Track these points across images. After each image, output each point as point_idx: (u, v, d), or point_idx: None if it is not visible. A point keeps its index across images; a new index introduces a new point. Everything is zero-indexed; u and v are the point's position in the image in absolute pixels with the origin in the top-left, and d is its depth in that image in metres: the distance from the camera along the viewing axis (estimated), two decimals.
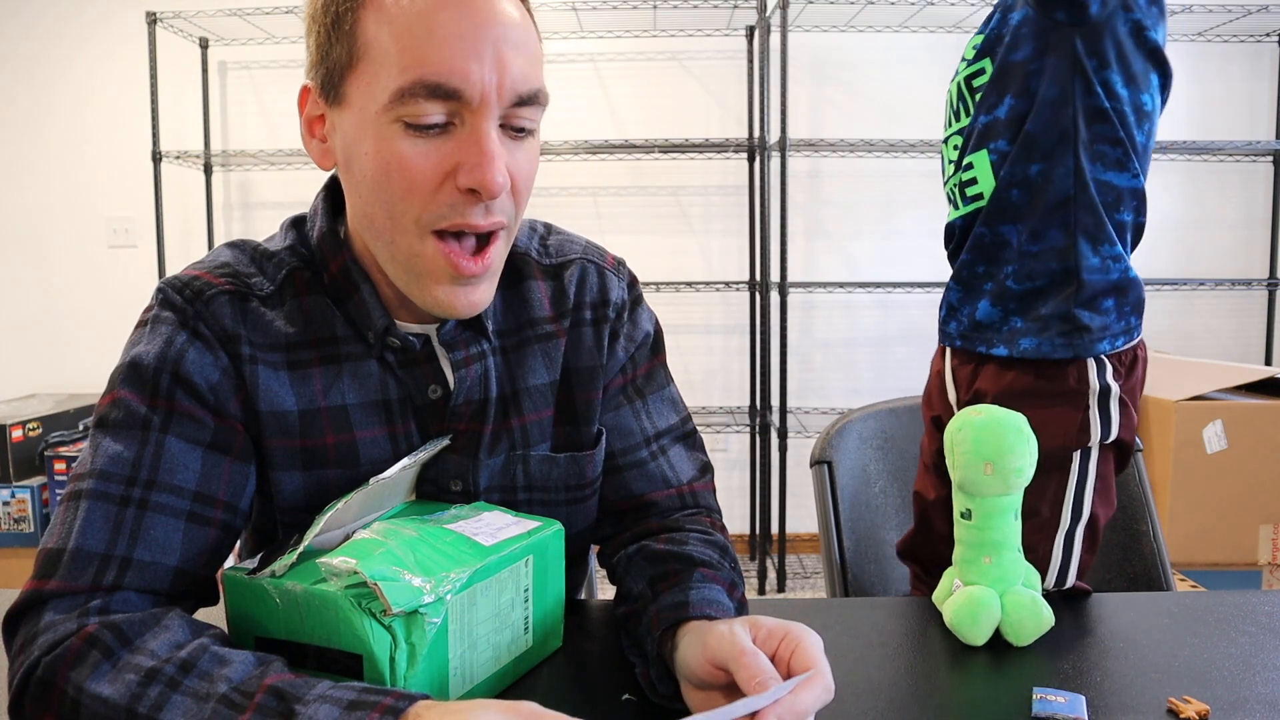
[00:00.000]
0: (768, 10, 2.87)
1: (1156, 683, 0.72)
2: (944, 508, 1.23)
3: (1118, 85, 1.08)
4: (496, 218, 0.71)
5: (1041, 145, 1.10)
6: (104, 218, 3.29)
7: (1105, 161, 1.10)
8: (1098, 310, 1.11)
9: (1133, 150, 1.10)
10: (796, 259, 3.15)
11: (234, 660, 0.59)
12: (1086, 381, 1.11)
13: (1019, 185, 1.12)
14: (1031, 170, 1.11)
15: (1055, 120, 1.09)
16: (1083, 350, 1.11)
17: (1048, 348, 1.12)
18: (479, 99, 0.66)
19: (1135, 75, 1.08)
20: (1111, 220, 1.12)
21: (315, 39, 0.71)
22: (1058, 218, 1.11)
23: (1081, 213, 1.10)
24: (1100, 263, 1.11)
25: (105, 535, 0.66)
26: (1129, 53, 1.07)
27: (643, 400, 0.89)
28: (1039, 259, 1.12)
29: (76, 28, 3.22)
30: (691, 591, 0.70)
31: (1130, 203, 1.13)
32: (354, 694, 0.56)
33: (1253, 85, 3.16)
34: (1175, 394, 2.43)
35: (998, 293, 1.16)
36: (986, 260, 1.17)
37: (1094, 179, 1.10)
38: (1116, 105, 1.08)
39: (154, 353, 0.72)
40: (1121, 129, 1.09)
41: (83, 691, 0.58)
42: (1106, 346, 1.11)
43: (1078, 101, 1.08)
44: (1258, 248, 3.21)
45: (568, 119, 3.14)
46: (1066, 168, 1.09)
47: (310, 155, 0.75)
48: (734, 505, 3.23)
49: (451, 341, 0.79)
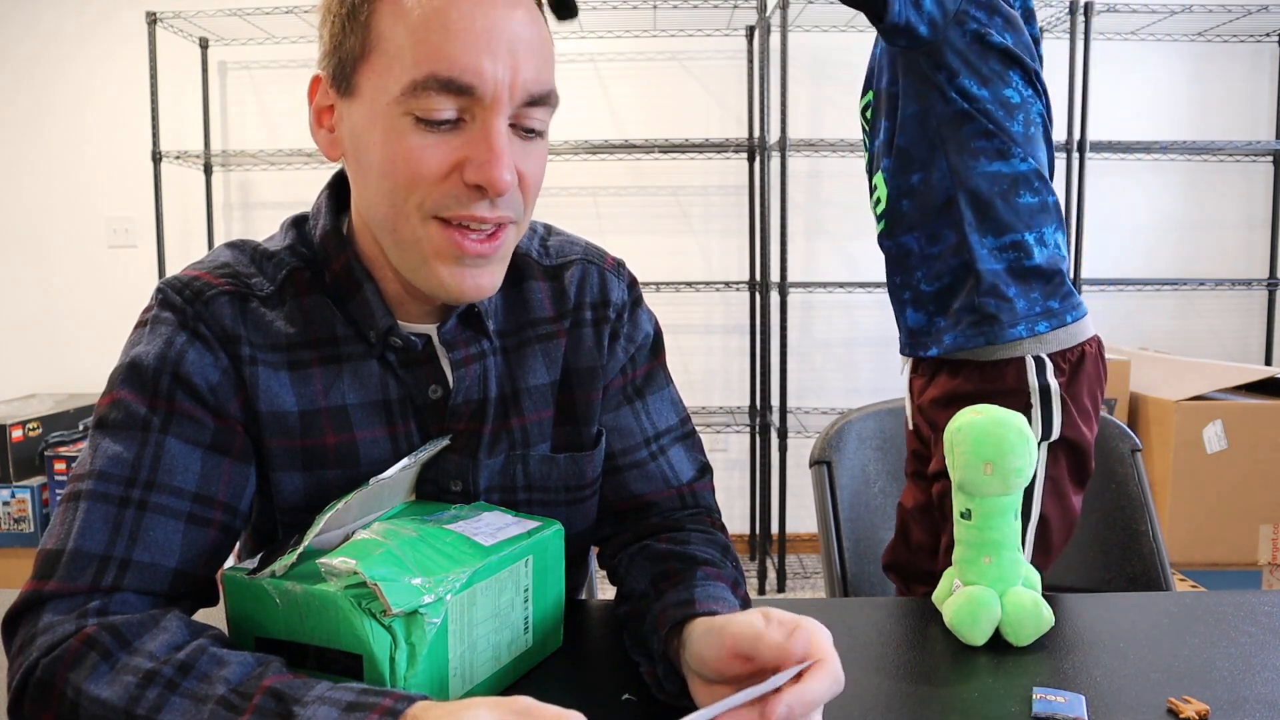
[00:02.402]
0: (768, 10, 2.87)
1: (1156, 683, 0.72)
2: (921, 516, 1.23)
3: (973, 88, 1.15)
4: (503, 213, 0.71)
5: (915, 156, 1.19)
6: (104, 218, 3.29)
7: (987, 155, 1.16)
8: (1002, 298, 1.16)
9: (1011, 140, 1.15)
10: (796, 259, 3.15)
11: (232, 661, 0.59)
12: (1025, 381, 1.14)
13: (906, 195, 1.21)
14: (913, 180, 1.19)
15: (921, 132, 1.18)
16: (994, 337, 1.15)
17: (963, 339, 1.17)
18: (491, 96, 0.67)
19: (990, 76, 1.15)
20: (1012, 206, 1.16)
21: (329, 29, 0.71)
22: (946, 217, 1.18)
23: (965, 209, 1.16)
24: (990, 253, 1.16)
25: (104, 536, 0.66)
26: (975, 59, 1.14)
27: (642, 401, 0.89)
28: (939, 259, 1.19)
29: (76, 28, 3.22)
30: (696, 589, 0.70)
31: (1026, 184, 1.17)
32: (353, 695, 0.56)
33: (1253, 85, 3.16)
34: (1175, 394, 2.43)
35: (915, 298, 1.23)
36: (900, 270, 1.25)
37: (977, 174, 1.16)
38: (977, 105, 1.14)
39: (154, 353, 0.72)
40: (990, 123, 1.15)
41: (81, 693, 0.58)
42: (1024, 331, 1.15)
43: (937, 111, 1.16)
44: (1258, 248, 3.21)
45: (568, 119, 3.14)
46: (941, 171, 1.17)
47: (318, 145, 0.75)
48: (734, 505, 3.23)
49: (452, 340, 0.79)
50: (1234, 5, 2.89)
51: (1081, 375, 1.16)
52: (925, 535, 1.23)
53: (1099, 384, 1.19)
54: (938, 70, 1.14)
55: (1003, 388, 1.14)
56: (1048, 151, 1.20)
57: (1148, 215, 3.20)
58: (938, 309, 1.21)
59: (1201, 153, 3.11)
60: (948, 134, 1.16)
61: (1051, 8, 2.83)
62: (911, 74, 1.18)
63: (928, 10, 1.10)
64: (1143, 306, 3.22)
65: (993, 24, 1.13)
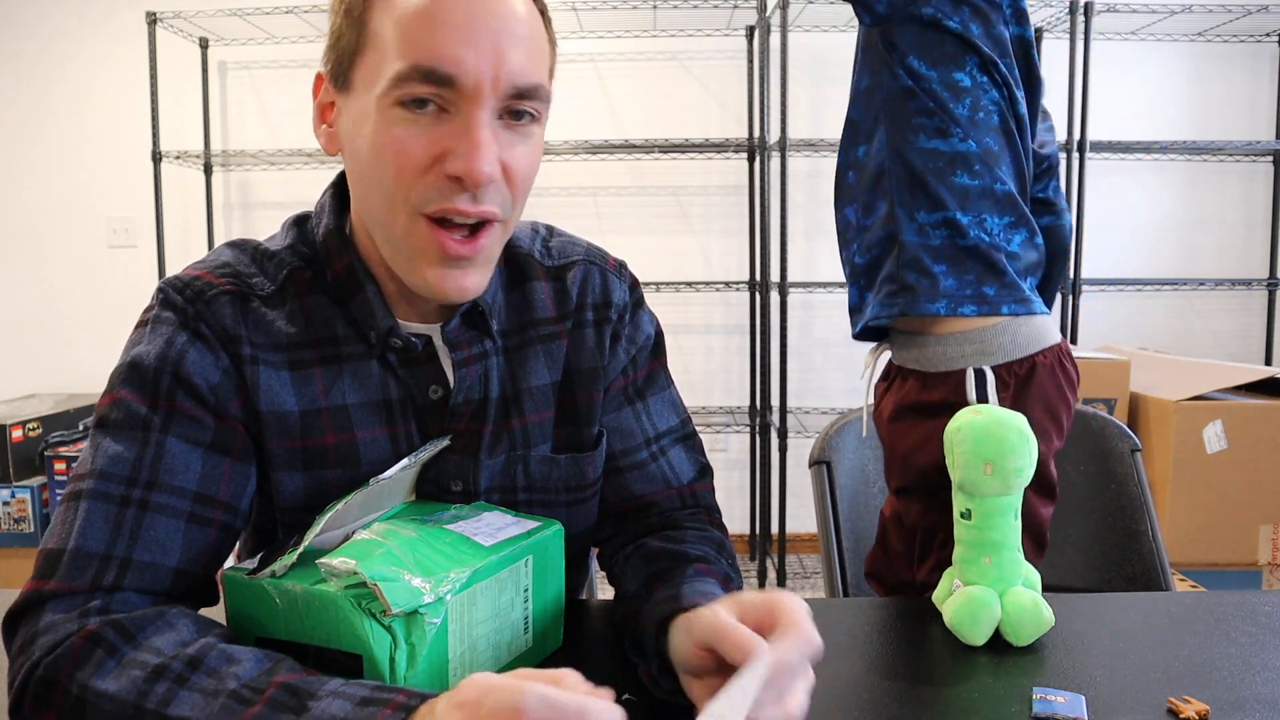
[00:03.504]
0: (768, 10, 2.87)
1: (1156, 683, 0.72)
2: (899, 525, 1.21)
3: (922, 68, 1.13)
4: (485, 207, 0.70)
5: (862, 128, 1.19)
6: (104, 218, 3.29)
7: (926, 131, 1.14)
8: (923, 273, 1.12)
9: (952, 121, 1.13)
10: (796, 259, 3.15)
11: (243, 659, 0.59)
12: (963, 395, 1.08)
13: (851, 167, 1.21)
14: (858, 152, 1.19)
15: (869, 104, 1.18)
16: (909, 308, 1.11)
17: (880, 309, 1.15)
18: (473, 86, 0.67)
19: (942, 57, 1.13)
20: (946, 184, 1.13)
21: (331, 26, 0.73)
22: (880, 189, 1.17)
23: (897, 181, 1.15)
24: (919, 227, 1.14)
25: (105, 536, 0.66)
26: (930, 41, 1.13)
27: (643, 402, 0.89)
28: (871, 231, 1.18)
29: (77, 28, 3.22)
30: (684, 585, 0.70)
31: (965, 165, 1.13)
32: (367, 690, 0.56)
33: (1253, 85, 3.16)
34: (1175, 394, 2.43)
35: (852, 273, 1.22)
36: (843, 245, 1.23)
37: (915, 149, 1.14)
38: (923, 84, 1.13)
39: (155, 353, 0.72)
40: (933, 102, 1.13)
41: (87, 689, 0.58)
42: (944, 309, 1.10)
43: (885, 84, 1.15)
44: (1258, 248, 3.21)
45: (568, 119, 3.14)
46: (881, 142, 1.16)
47: (319, 141, 0.76)
48: (734, 505, 3.23)
49: (456, 341, 0.79)
50: (1234, 5, 2.89)
51: (1031, 389, 1.09)
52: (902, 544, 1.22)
53: (1060, 397, 1.12)
54: (890, 49, 1.14)
55: (940, 400, 1.09)
56: (1011, 149, 1.15)
57: (1148, 215, 3.20)
58: (868, 283, 1.19)
59: (1201, 153, 3.11)
60: (893, 108, 1.15)
61: (1051, 8, 2.83)
62: (869, 49, 1.18)
63: None
64: (1143, 306, 3.22)
65: (958, 13, 1.11)
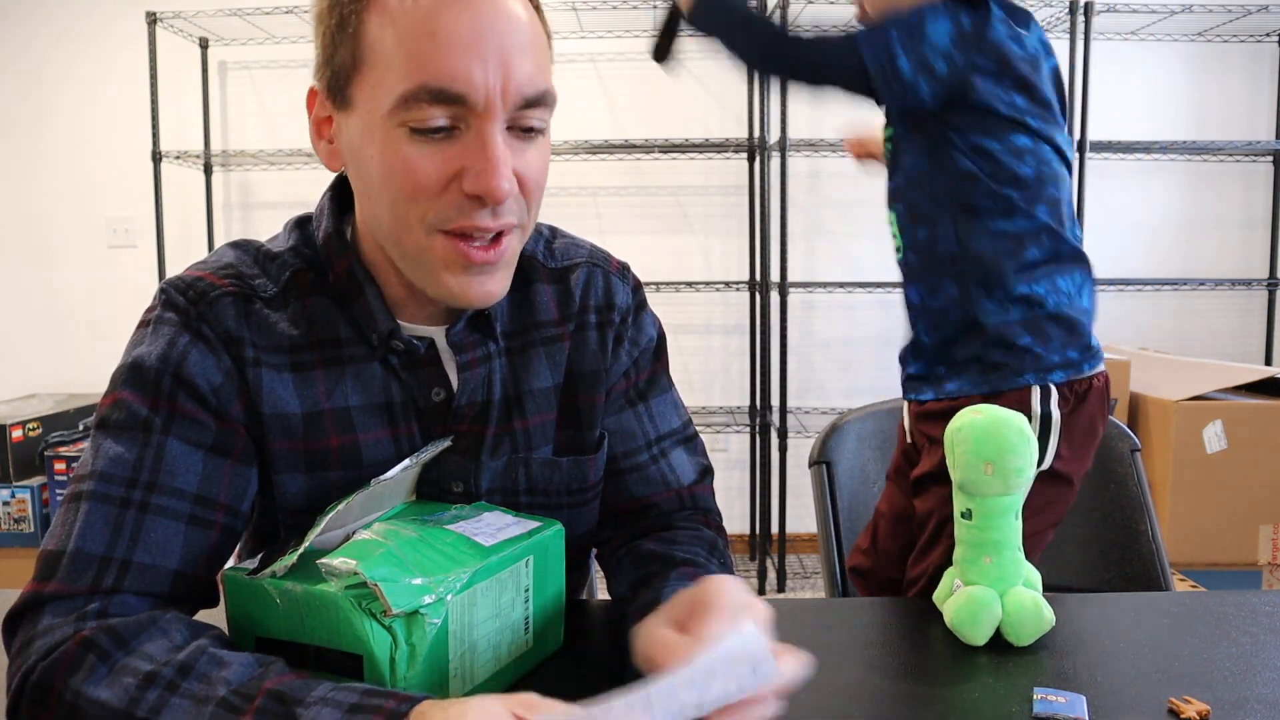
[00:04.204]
0: (768, 10, 2.87)
1: (1156, 683, 0.72)
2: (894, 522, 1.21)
3: (986, 142, 1.10)
4: (505, 219, 0.70)
5: (920, 212, 1.15)
6: (104, 218, 3.29)
7: (992, 214, 1.11)
8: (1010, 349, 1.12)
9: (1018, 188, 1.10)
10: (796, 259, 3.15)
11: (233, 663, 0.59)
12: (1028, 405, 1.10)
13: (913, 249, 1.18)
14: (919, 235, 1.17)
15: (926, 189, 1.14)
16: (1001, 384, 1.12)
17: (968, 387, 1.14)
18: (484, 103, 0.66)
19: (1000, 127, 1.10)
20: (1019, 261, 1.12)
21: (321, 40, 0.71)
22: (947, 273, 1.15)
23: (968, 267, 1.13)
24: (999, 306, 1.12)
25: (105, 537, 0.66)
26: (988, 121, 1.09)
27: (645, 404, 0.89)
28: (938, 313, 1.17)
29: (77, 28, 3.22)
30: (664, 589, 0.70)
31: (1034, 240, 1.12)
32: (356, 697, 0.55)
33: (1253, 85, 3.16)
34: (1175, 394, 2.43)
35: (917, 348, 1.21)
36: (910, 318, 1.23)
37: (984, 234, 1.11)
38: (985, 164, 1.10)
39: (156, 354, 0.71)
40: (997, 178, 1.10)
41: (80, 696, 0.58)
42: (1032, 379, 1.11)
43: (946, 169, 1.12)
44: (1258, 248, 3.21)
45: (568, 119, 3.13)
46: (946, 229, 1.13)
47: (319, 156, 0.75)
48: (734, 505, 3.23)
49: (460, 343, 0.79)
50: (1234, 5, 2.89)
51: (1084, 409, 1.13)
52: (891, 542, 1.22)
53: (1101, 418, 1.16)
54: (953, 130, 1.11)
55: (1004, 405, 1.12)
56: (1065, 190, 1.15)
57: (1148, 215, 3.20)
58: (939, 358, 1.18)
59: (1201, 153, 3.11)
60: (957, 196, 1.12)
61: (1051, 8, 2.83)
62: (920, 131, 1.14)
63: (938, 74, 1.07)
64: (1143, 306, 3.22)
65: (1005, 92, 1.08)
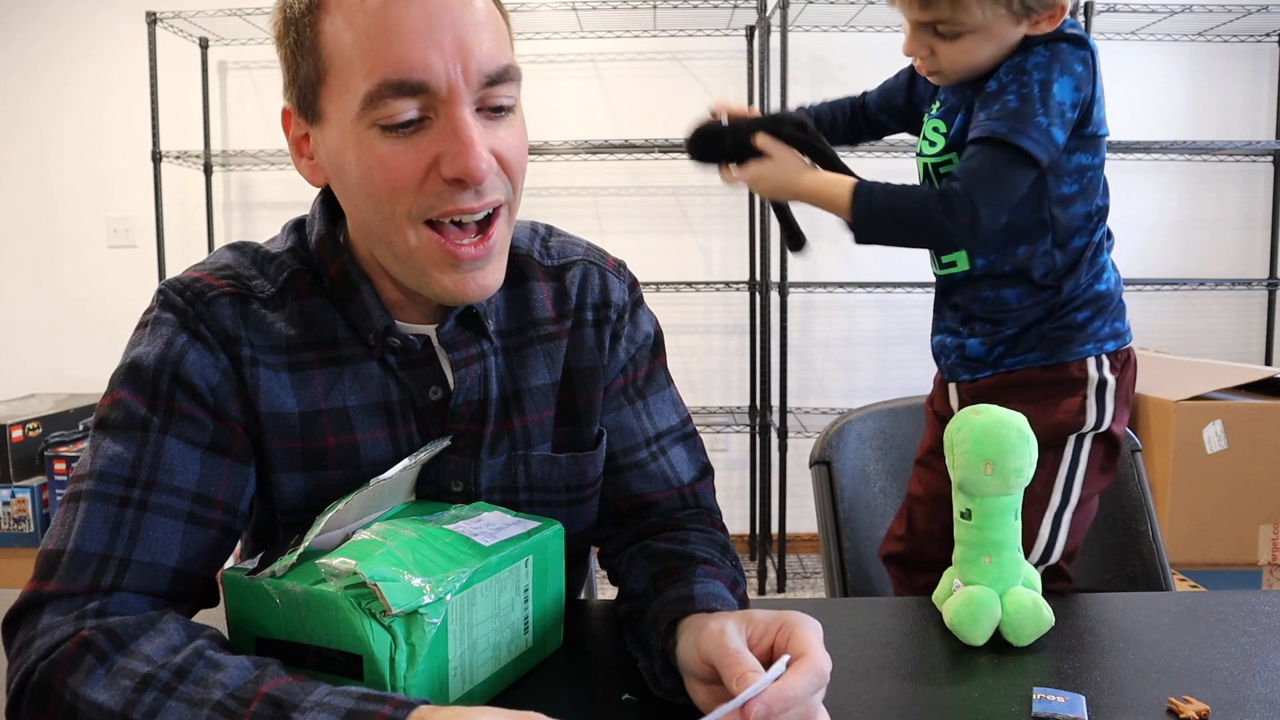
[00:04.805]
0: (768, 10, 2.87)
1: (1156, 683, 0.72)
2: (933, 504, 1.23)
3: (1084, 159, 1.17)
4: (490, 198, 0.70)
5: (1021, 229, 1.19)
6: (104, 218, 3.29)
7: (1078, 217, 1.19)
8: (1073, 325, 1.19)
9: (1096, 189, 1.19)
10: (796, 259, 3.15)
11: (229, 665, 0.59)
12: (1086, 372, 1.18)
13: (1009, 263, 1.20)
14: (1018, 251, 1.19)
15: (1033, 212, 1.18)
16: (1065, 356, 1.19)
17: (1034, 358, 1.20)
18: (447, 89, 0.66)
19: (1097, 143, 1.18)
20: (1095, 249, 1.20)
21: (285, 62, 0.72)
22: (1047, 286, 1.19)
23: (1065, 274, 1.19)
24: (1080, 295, 1.19)
25: (104, 536, 0.66)
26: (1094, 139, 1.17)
27: (643, 401, 0.89)
28: (1031, 310, 1.20)
29: (77, 28, 3.22)
30: (696, 586, 0.70)
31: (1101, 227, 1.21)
32: (352, 701, 0.55)
33: (1253, 85, 3.16)
34: (1175, 394, 2.43)
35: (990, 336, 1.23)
36: (987, 318, 1.22)
37: (1076, 232, 1.18)
38: (1081, 179, 1.17)
39: (154, 354, 0.72)
40: (1085, 195, 1.18)
41: (78, 697, 0.58)
42: (1092, 349, 1.19)
43: (1049, 191, 1.17)
44: (1258, 248, 3.21)
45: (568, 119, 3.14)
46: (1047, 246, 1.18)
47: (302, 175, 0.76)
48: (734, 505, 3.23)
49: (451, 342, 0.79)
50: (1234, 5, 2.89)
51: (1127, 375, 1.21)
52: (932, 523, 1.23)
53: (1133, 387, 1.24)
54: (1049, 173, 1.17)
55: (1064, 376, 1.17)
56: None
57: (1148, 215, 3.20)
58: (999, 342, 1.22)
59: (1201, 153, 3.10)
60: (1055, 215, 1.17)
61: None
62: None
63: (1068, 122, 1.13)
64: (1143, 306, 3.22)
65: (1096, 105, 1.15)
